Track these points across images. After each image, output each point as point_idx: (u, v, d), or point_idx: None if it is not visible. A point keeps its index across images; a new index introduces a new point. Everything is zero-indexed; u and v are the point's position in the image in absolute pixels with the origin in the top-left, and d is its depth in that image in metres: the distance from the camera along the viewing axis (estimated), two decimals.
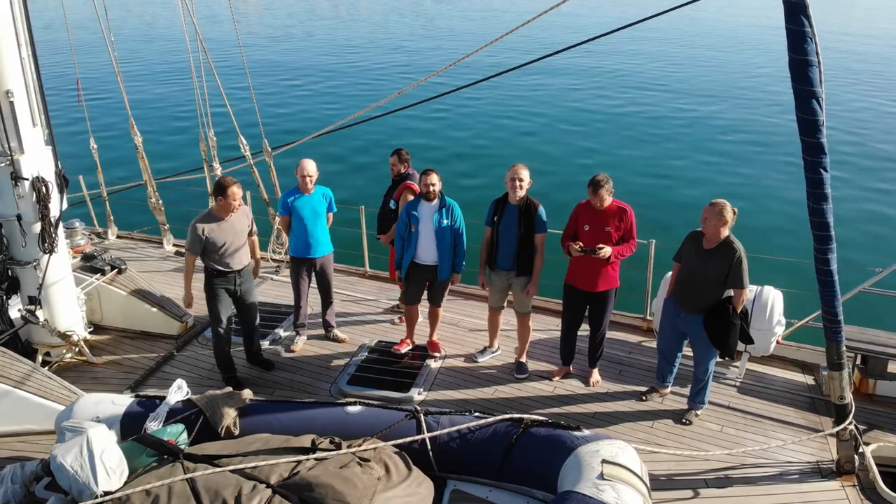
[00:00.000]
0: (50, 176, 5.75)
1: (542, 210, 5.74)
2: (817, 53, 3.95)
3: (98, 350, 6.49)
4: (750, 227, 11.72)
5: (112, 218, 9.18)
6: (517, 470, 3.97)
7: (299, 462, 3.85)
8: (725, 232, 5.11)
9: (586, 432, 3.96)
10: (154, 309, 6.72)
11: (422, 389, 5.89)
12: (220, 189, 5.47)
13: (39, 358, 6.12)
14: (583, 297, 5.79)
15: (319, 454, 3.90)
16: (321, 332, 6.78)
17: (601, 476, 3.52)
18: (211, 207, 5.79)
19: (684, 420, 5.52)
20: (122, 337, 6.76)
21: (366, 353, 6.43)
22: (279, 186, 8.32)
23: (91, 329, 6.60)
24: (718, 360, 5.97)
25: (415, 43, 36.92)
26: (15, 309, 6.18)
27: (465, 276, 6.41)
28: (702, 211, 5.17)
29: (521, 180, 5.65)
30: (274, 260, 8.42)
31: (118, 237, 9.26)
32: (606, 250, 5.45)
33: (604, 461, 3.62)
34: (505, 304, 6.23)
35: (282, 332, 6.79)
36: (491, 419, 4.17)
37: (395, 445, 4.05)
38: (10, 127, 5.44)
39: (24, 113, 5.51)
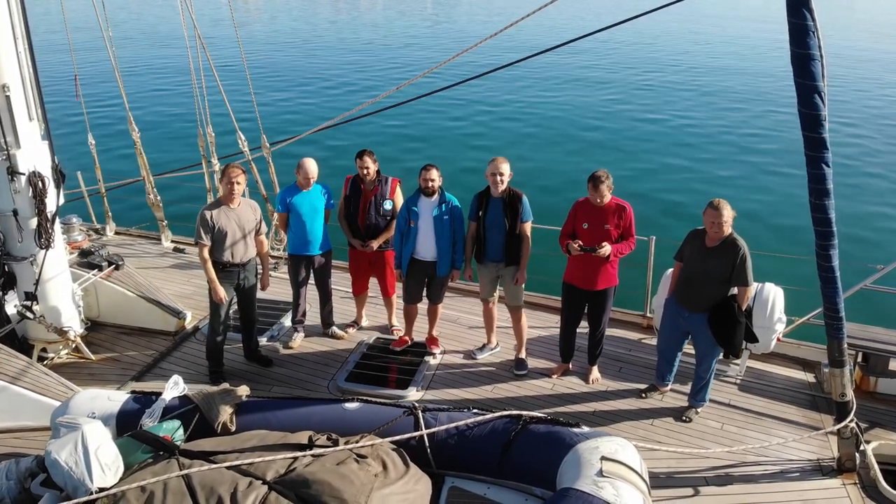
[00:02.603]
0: (46, 171, 5.71)
1: (525, 199, 5.76)
2: (819, 48, 3.92)
3: (95, 346, 6.46)
4: (751, 223, 11.69)
5: (110, 214, 9.14)
6: (516, 467, 3.93)
7: (296, 458, 3.81)
8: (728, 230, 5.08)
9: (585, 429, 3.92)
10: (151, 305, 6.69)
11: (420, 386, 5.86)
12: (222, 172, 5.64)
13: (36, 354, 6.08)
14: (582, 295, 5.75)
15: (316, 451, 3.86)
16: (320, 328, 6.75)
17: (600, 473, 3.48)
18: (219, 196, 5.83)
19: (684, 417, 5.49)
20: (119, 333, 6.73)
21: (364, 350, 6.40)
22: (278, 182, 8.28)
23: (88, 325, 6.56)
24: (720, 358, 5.96)
25: (415, 41, 36.90)
26: (11, 305, 6.15)
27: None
28: (702, 214, 5.12)
29: (501, 174, 5.65)
30: (273, 257, 8.37)
31: (116, 233, 9.22)
32: (606, 248, 5.42)
33: (603, 458, 3.58)
34: (496, 295, 6.20)
35: (280, 329, 6.76)
36: (489, 416, 4.14)
37: (392, 442, 4.01)
38: (7, 121, 5.40)
39: (21, 107, 5.47)
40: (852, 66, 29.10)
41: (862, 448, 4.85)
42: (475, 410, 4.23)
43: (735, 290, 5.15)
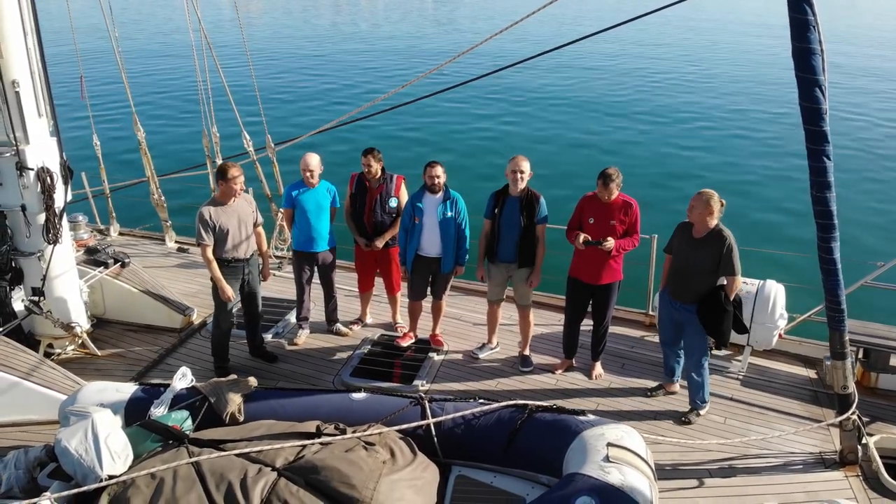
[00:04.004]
0: (55, 166, 5.75)
1: (543, 201, 5.77)
2: (820, 42, 3.98)
3: (101, 343, 6.49)
4: (753, 220, 11.73)
5: (114, 215, 9.18)
6: (522, 455, 3.97)
7: (304, 446, 3.85)
8: (713, 222, 5.12)
9: (591, 417, 3.96)
10: (157, 302, 6.73)
11: (425, 381, 5.89)
12: (222, 173, 5.60)
13: (42, 349, 6.11)
14: (586, 289, 5.79)
15: (325, 439, 3.90)
16: (324, 325, 6.79)
17: (606, 459, 3.52)
18: (214, 195, 5.83)
19: (683, 419, 5.44)
20: (124, 330, 6.76)
21: (369, 347, 6.44)
22: (282, 182, 8.33)
23: (94, 322, 6.59)
24: (719, 353, 5.99)
25: (417, 40, 37.18)
26: (18, 301, 6.19)
27: (466, 272, 6.41)
28: (689, 200, 5.20)
29: (521, 172, 5.67)
30: (276, 257, 8.42)
31: (120, 234, 9.26)
32: (610, 243, 5.47)
33: (609, 444, 3.62)
34: (504, 298, 6.23)
35: (284, 326, 6.80)
36: (495, 405, 4.18)
37: (399, 431, 4.05)
38: (16, 117, 5.45)
39: (30, 103, 5.52)
40: (857, 63, 29.28)
41: (864, 441, 4.89)
42: (481, 400, 4.28)
43: (724, 281, 5.17)
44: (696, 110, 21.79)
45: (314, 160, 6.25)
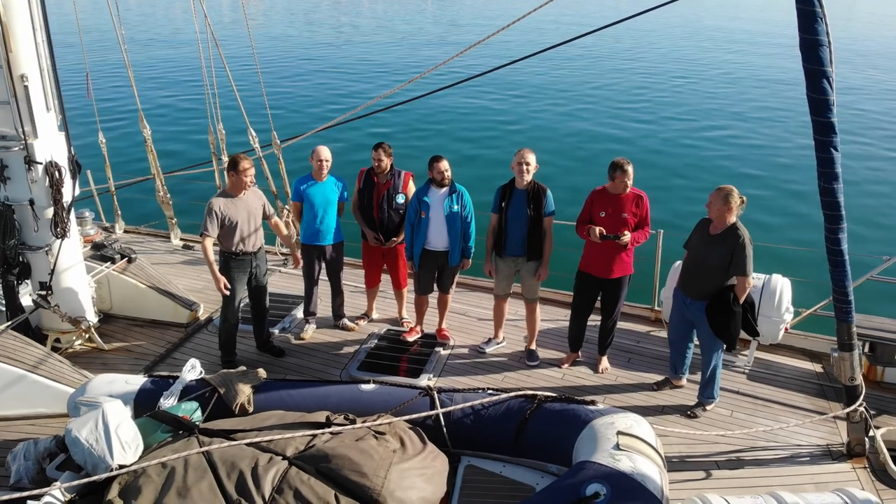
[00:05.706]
0: (63, 161, 5.78)
1: (549, 193, 5.79)
2: (827, 34, 3.99)
3: (107, 337, 6.50)
4: (758, 217, 11.73)
5: (119, 212, 9.21)
6: (531, 445, 3.98)
7: (315, 436, 3.87)
8: (732, 218, 5.08)
9: (600, 406, 3.97)
10: (164, 297, 6.74)
11: (431, 375, 5.90)
12: (233, 164, 5.61)
13: (49, 344, 6.12)
14: (596, 283, 5.79)
15: (335, 428, 3.91)
16: (330, 320, 6.80)
17: (617, 447, 3.53)
18: (224, 187, 5.84)
19: (689, 413, 5.44)
20: (131, 325, 6.78)
21: (375, 341, 6.45)
22: (288, 179, 8.35)
23: (101, 317, 6.61)
24: (730, 355, 5.99)
25: (420, 39, 37.28)
26: (25, 296, 6.20)
27: (473, 267, 6.42)
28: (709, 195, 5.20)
29: (527, 164, 5.69)
30: (282, 254, 8.44)
31: (125, 231, 9.29)
32: (627, 236, 5.48)
33: (619, 433, 3.64)
34: (511, 292, 6.24)
35: (290, 321, 6.81)
36: (504, 396, 4.19)
37: (408, 421, 4.07)
38: (25, 111, 5.46)
39: (39, 97, 5.53)
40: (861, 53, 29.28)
41: (871, 433, 4.89)
42: (490, 391, 4.29)
43: (735, 281, 5.13)
44: (697, 109, 21.83)
45: (327, 152, 6.28)
